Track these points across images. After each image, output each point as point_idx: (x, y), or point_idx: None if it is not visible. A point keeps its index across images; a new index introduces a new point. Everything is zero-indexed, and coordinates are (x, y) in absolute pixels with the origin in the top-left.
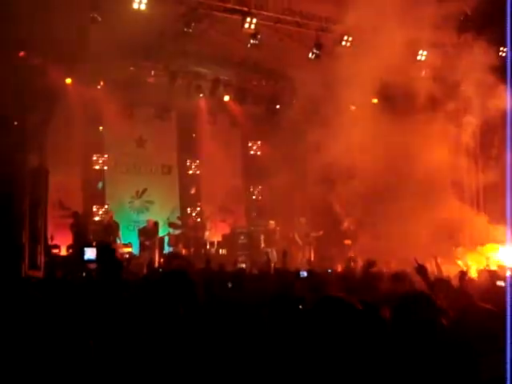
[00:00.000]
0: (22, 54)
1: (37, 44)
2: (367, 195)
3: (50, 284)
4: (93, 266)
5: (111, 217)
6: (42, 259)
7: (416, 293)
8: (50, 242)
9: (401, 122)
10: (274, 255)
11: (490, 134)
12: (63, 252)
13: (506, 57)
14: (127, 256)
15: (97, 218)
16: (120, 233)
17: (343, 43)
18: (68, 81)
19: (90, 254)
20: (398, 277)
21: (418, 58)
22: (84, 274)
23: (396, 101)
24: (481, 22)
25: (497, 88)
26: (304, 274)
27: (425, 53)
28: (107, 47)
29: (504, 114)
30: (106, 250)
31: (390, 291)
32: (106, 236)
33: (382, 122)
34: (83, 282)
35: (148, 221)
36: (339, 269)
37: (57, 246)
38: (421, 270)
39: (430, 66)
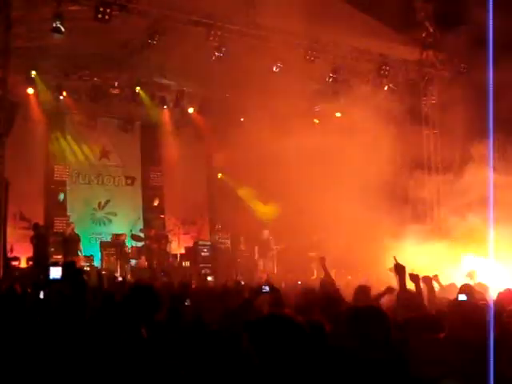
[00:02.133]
0: None
1: None
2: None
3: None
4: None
5: (72, 229)
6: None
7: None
8: (9, 254)
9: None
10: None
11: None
12: (23, 264)
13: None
14: (88, 269)
15: (57, 231)
16: (81, 245)
17: (307, 57)
18: (30, 91)
19: (55, 273)
20: (362, 290)
21: (382, 72)
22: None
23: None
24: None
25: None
26: (266, 288)
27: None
28: (70, 57)
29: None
30: (72, 270)
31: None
32: (66, 248)
33: (344, 136)
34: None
35: (112, 236)
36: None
37: (16, 258)
38: (399, 269)
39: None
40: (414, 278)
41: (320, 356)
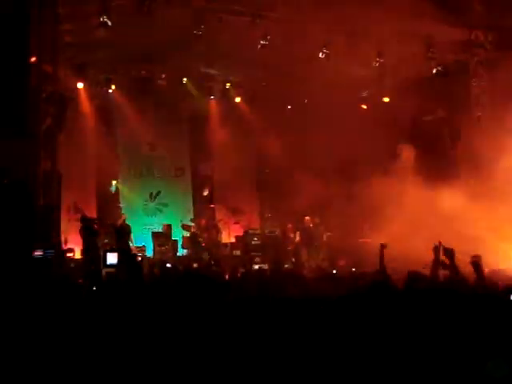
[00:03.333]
0: (33, 59)
1: (47, 49)
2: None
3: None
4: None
5: (124, 220)
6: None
7: None
8: (63, 246)
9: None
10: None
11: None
12: (77, 255)
13: None
14: (140, 259)
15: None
16: (132, 236)
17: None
18: (80, 86)
19: (112, 258)
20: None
21: (429, 54)
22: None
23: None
24: None
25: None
26: None
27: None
28: (117, 51)
29: None
30: (127, 254)
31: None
32: (118, 239)
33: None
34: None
35: (163, 226)
36: None
37: (71, 250)
38: (448, 253)
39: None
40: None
41: None
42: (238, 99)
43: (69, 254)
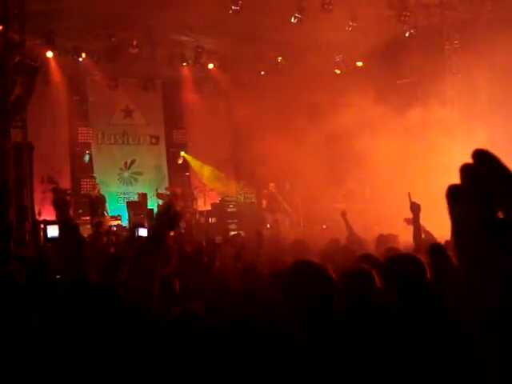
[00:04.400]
0: None
1: (13, 18)
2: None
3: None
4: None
5: (98, 190)
6: (29, 236)
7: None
8: (38, 218)
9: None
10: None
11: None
12: None
13: None
14: (115, 229)
15: (84, 192)
16: (107, 206)
17: (325, 7)
18: (49, 54)
19: (52, 231)
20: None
21: (402, 18)
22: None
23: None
24: None
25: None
26: None
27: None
28: (86, 19)
29: None
30: (69, 227)
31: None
32: (93, 209)
33: (368, 88)
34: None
35: (138, 195)
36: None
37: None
38: (415, 208)
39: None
40: (415, 206)
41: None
42: (210, 65)
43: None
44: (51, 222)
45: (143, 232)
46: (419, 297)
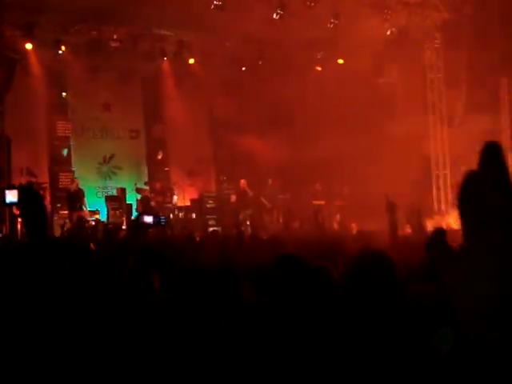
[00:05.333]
0: None
1: None
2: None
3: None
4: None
5: (77, 184)
6: (7, 227)
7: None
8: (15, 211)
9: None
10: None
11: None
12: None
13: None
14: (93, 223)
15: (62, 186)
16: (85, 200)
17: (307, 3)
18: (28, 46)
19: (11, 197)
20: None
21: (384, 16)
22: None
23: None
24: None
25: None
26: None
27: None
28: (66, 11)
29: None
30: (29, 192)
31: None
32: (71, 204)
33: (348, 84)
34: None
35: (117, 189)
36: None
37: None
38: (391, 207)
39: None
40: (392, 206)
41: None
42: (191, 60)
43: (20, 219)
44: (10, 187)
45: (148, 219)
46: (377, 295)
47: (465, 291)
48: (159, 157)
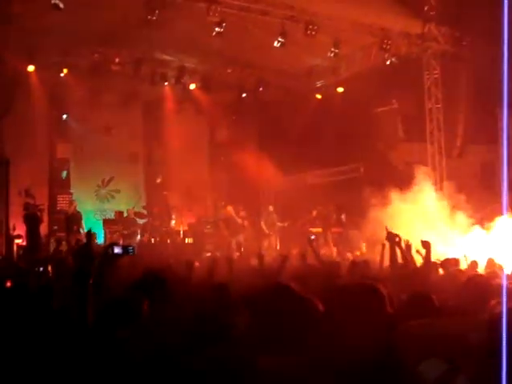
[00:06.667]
0: None
1: None
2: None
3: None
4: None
5: (75, 207)
6: (3, 250)
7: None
8: (12, 232)
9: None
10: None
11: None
12: None
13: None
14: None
15: (60, 208)
16: (83, 223)
17: (308, 32)
18: (30, 69)
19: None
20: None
21: (384, 46)
22: None
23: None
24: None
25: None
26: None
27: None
28: (69, 34)
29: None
30: None
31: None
32: (68, 226)
33: (348, 112)
34: None
35: (115, 213)
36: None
37: (20, 236)
38: (391, 238)
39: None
40: (392, 237)
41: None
42: (192, 85)
43: (17, 241)
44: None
45: (118, 249)
46: None
47: None
48: (158, 181)
